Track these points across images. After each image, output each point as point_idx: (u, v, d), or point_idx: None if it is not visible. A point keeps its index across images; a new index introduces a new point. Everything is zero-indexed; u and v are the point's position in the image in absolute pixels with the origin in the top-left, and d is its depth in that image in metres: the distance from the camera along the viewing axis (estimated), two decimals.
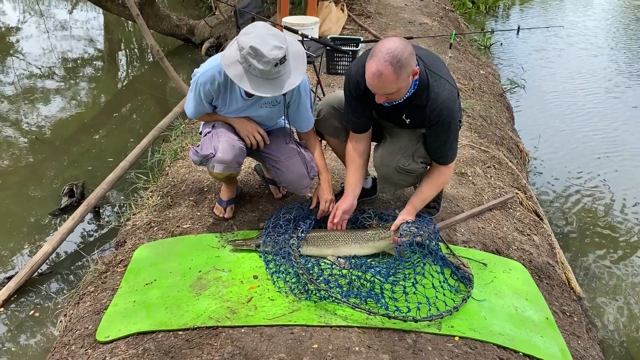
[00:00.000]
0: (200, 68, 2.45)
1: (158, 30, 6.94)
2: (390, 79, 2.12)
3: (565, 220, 4.02)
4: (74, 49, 7.48)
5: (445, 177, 2.56)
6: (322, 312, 2.18)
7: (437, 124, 2.35)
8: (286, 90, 2.26)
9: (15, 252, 3.39)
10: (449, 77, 2.39)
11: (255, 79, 2.20)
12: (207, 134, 2.53)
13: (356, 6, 6.95)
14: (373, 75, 2.13)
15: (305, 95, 2.55)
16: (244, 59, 2.18)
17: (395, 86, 2.16)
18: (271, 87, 2.23)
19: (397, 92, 2.22)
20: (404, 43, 2.13)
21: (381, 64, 2.09)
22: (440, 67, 2.39)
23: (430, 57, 2.39)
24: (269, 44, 2.14)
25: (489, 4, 9.60)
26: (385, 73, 2.10)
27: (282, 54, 2.16)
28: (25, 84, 6.11)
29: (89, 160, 4.46)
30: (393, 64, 2.08)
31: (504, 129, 4.65)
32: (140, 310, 2.24)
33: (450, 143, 2.43)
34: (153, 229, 2.82)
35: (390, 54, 2.08)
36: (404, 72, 2.12)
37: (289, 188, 2.71)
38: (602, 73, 6.95)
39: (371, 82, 2.17)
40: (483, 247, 2.79)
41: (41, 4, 10.13)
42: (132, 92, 6.28)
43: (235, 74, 2.22)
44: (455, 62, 5.59)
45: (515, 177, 3.71)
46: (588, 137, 5.27)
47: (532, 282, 2.64)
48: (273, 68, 2.17)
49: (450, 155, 2.48)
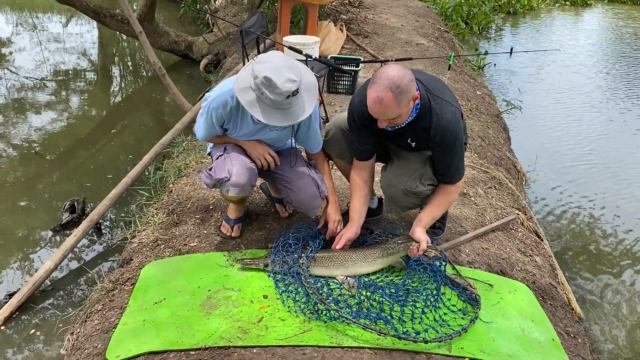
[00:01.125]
0: (212, 92, 2.47)
1: (157, 46, 6.96)
2: (391, 105, 2.20)
3: (563, 241, 4.07)
4: (67, 62, 7.47)
5: (453, 195, 2.60)
6: (334, 333, 2.19)
7: (441, 145, 2.40)
8: (296, 121, 2.31)
9: (16, 269, 3.36)
10: (452, 99, 2.44)
11: (267, 108, 2.25)
12: (220, 157, 2.54)
13: (354, 26, 7.04)
14: (374, 101, 2.21)
15: (315, 118, 2.59)
16: (257, 87, 2.22)
17: (396, 111, 2.24)
18: (282, 117, 2.27)
19: (399, 117, 2.30)
20: (404, 70, 2.23)
21: (382, 91, 2.18)
22: (442, 89, 2.45)
23: (431, 81, 2.46)
24: (283, 76, 2.18)
25: (481, 25, 9.77)
26: (386, 99, 2.18)
27: (295, 87, 2.20)
28: (17, 97, 6.09)
29: (86, 175, 4.45)
30: (393, 90, 2.17)
31: (502, 150, 4.71)
32: (150, 329, 2.23)
33: (455, 163, 2.48)
34: (160, 247, 2.81)
35: (390, 80, 2.17)
36: (405, 97, 2.20)
37: (300, 208, 2.72)
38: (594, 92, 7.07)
39: (373, 108, 2.25)
40: (488, 268, 2.82)
41: (35, 17, 10.13)
42: (128, 107, 6.28)
43: (247, 100, 2.25)
44: (453, 83, 5.67)
45: (516, 197, 3.75)
46: (583, 157, 5.35)
47: (536, 303, 2.67)
48: (285, 99, 2.21)
49: (457, 175, 2.52)
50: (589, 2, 12.34)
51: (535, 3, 11.75)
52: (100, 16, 6.89)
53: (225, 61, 6.61)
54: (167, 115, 5.76)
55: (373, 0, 8.91)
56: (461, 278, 2.57)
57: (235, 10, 8.31)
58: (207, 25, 8.42)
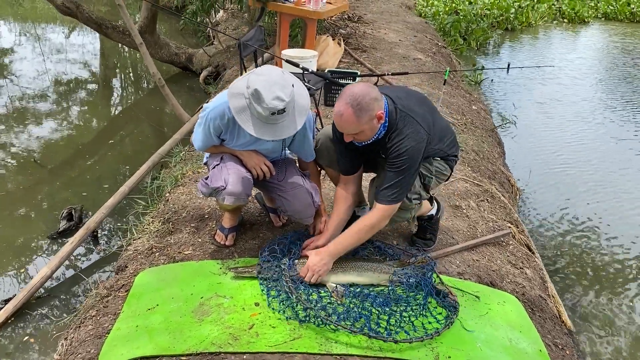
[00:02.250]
0: (210, 103, 2.53)
1: (157, 58, 7.05)
2: (350, 120, 2.30)
3: (555, 254, 4.10)
4: (69, 72, 7.56)
5: (371, 221, 2.48)
6: (323, 340, 2.23)
7: (393, 159, 2.42)
8: (280, 137, 2.35)
9: (13, 276, 3.40)
10: (423, 117, 2.47)
11: (255, 119, 2.31)
12: (216, 167, 2.59)
13: (352, 40, 7.13)
14: (336, 115, 2.33)
15: (310, 129, 2.65)
16: (248, 97, 2.27)
17: (356, 127, 2.33)
18: (267, 131, 2.32)
19: (362, 134, 2.38)
20: (369, 88, 2.32)
21: (343, 106, 2.29)
22: (414, 107, 2.49)
23: (404, 98, 2.51)
24: (272, 92, 2.23)
25: (479, 41, 9.88)
26: (345, 114, 2.29)
27: (282, 106, 2.25)
28: (19, 106, 6.16)
29: (83, 185, 4.50)
30: (353, 106, 2.27)
31: (496, 164, 4.77)
32: (143, 334, 2.27)
33: (396, 182, 2.41)
34: (154, 255, 2.85)
35: (352, 96, 2.28)
36: (364, 114, 2.29)
37: (294, 216, 2.77)
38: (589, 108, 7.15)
39: (336, 121, 2.37)
40: (478, 279, 2.86)
41: (38, 27, 10.24)
42: (127, 118, 6.35)
43: (237, 106, 2.31)
44: (449, 98, 5.74)
45: (508, 211, 3.80)
46: (577, 173, 5.40)
47: (525, 315, 2.71)
48: (270, 115, 2.26)
49: (388, 195, 2.43)
50: (586, 20, 12.48)
51: (533, 20, 11.88)
52: (102, 27, 6.99)
53: (224, 73, 6.69)
54: (166, 126, 5.83)
55: (372, 16, 9.03)
56: (442, 285, 2.62)
57: (236, 23, 8.42)
58: (208, 37, 8.52)
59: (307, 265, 2.48)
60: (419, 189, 2.63)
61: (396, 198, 2.44)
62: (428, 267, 2.60)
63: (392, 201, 2.44)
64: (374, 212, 2.48)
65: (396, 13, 9.66)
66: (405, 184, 2.45)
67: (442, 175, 2.75)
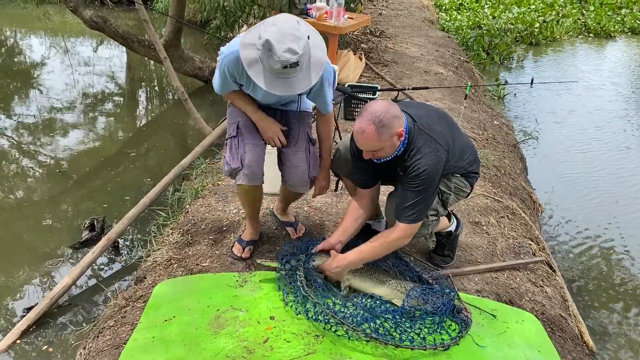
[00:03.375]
0: (225, 48, 2.41)
1: (181, 72, 7.17)
2: (372, 137, 2.31)
3: (577, 273, 4.03)
4: (96, 85, 7.73)
5: (391, 238, 2.50)
6: (338, 356, 2.22)
7: (411, 178, 2.42)
8: (292, 92, 2.27)
9: (36, 284, 3.47)
10: (442, 136, 2.47)
11: (266, 72, 2.21)
12: (233, 140, 2.60)
13: (374, 55, 7.16)
14: (357, 132, 2.34)
15: (328, 85, 2.55)
16: (260, 47, 2.15)
17: (377, 144, 2.34)
18: (279, 85, 2.22)
19: (381, 151, 2.38)
20: (390, 106, 2.34)
21: (364, 123, 2.30)
22: (434, 125, 2.49)
23: (424, 116, 2.51)
24: (284, 44, 2.10)
25: (503, 56, 9.82)
26: (367, 131, 2.30)
27: (295, 59, 2.13)
28: (47, 118, 6.31)
29: (105, 195, 4.58)
30: (375, 123, 2.28)
31: (517, 180, 4.72)
32: (159, 346, 2.29)
33: (414, 202, 2.42)
34: (173, 266, 2.89)
35: (374, 114, 2.28)
36: (386, 132, 2.30)
37: (289, 182, 2.77)
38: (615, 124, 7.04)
39: (357, 138, 2.37)
40: (496, 297, 2.83)
41: (67, 41, 10.51)
42: (151, 130, 6.45)
43: (249, 58, 2.21)
44: (470, 112, 5.71)
45: (529, 227, 3.75)
46: (602, 189, 5.31)
47: (544, 334, 2.66)
48: (282, 69, 2.15)
49: (408, 214, 2.44)
50: (612, 34, 12.32)
51: (558, 34, 11.77)
52: (128, 41, 7.14)
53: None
54: (189, 139, 5.91)
55: (394, 30, 9.05)
56: (459, 301, 2.59)
57: None
58: None
59: (322, 267, 2.58)
60: (437, 205, 2.61)
61: (416, 217, 2.46)
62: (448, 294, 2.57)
63: (413, 221, 2.46)
64: (395, 230, 2.49)
65: (418, 27, 9.67)
66: (424, 204, 2.46)
67: (461, 192, 2.73)
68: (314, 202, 3.52)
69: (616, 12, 13.53)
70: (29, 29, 11.12)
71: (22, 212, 4.28)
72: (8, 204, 4.40)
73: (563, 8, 13.32)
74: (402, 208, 2.45)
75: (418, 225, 2.50)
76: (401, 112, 2.38)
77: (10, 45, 10.21)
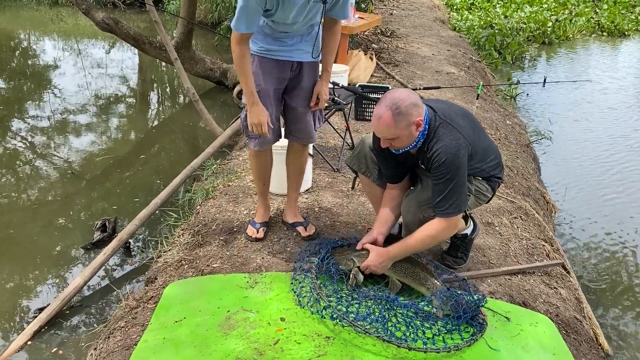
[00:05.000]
0: None
1: (192, 73, 7.18)
2: (388, 123, 2.28)
3: (592, 274, 3.97)
4: (108, 87, 7.77)
5: (433, 231, 2.44)
6: (349, 359, 2.20)
7: (435, 168, 2.38)
8: None
9: (49, 285, 3.48)
10: (464, 128, 2.43)
11: None
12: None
13: (385, 55, 7.13)
14: (374, 117, 2.33)
15: None
16: None
17: (393, 132, 2.31)
18: None
19: (398, 140, 2.35)
20: (410, 94, 2.31)
21: (382, 109, 2.28)
22: (456, 117, 2.46)
23: (446, 109, 2.49)
24: None
25: (515, 55, 9.74)
26: (384, 117, 2.28)
27: None
28: (60, 119, 6.35)
29: (116, 196, 4.59)
30: (392, 109, 2.26)
31: (530, 180, 4.66)
32: (169, 347, 2.29)
33: (445, 193, 2.36)
34: (183, 267, 2.88)
35: (392, 100, 2.27)
36: (403, 119, 2.27)
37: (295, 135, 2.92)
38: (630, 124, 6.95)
39: (374, 124, 2.36)
40: (510, 299, 2.79)
41: (80, 43, 10.59)
42: (162, 131, 6.47)
43: None
44: (482, 112, 5.66)
45: (542, 228, 3.70)
46: (617, 189, 5.24)
47: (559, 337, 2.62)
48: None
49: (444, 208, 2.38)
50: (626, 33, 12.18)
51: (571, 33, 11.66)
52: (140, 43, 7.17)
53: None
54: (200, 140, 5.92)
55: (406, 30, 9.02)
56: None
57: None
58: None
59: (366, 263, 2.56)
60: None
61: (454, 209, 2.39)
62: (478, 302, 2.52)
63: (450, 214, 2.40)
64: (438, 223, 2.43)
65: (430, 27, 9.63)
66: (458, 193, 2.37)
67: (482, 196, 2.68)
68: (325, 202, 3.50)
69: (630, 11, 13.40)
70: (42, 32, 11.24)
71: (34, 212, 4.31)
72: (21, 205, 4.43)
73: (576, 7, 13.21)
74: (436, 203, 2.40)
75: (459, 216, 2.44)
76: (422, 102, 2.35)
77: (24, 47, 10.31)
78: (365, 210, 3.40)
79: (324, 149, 4.32)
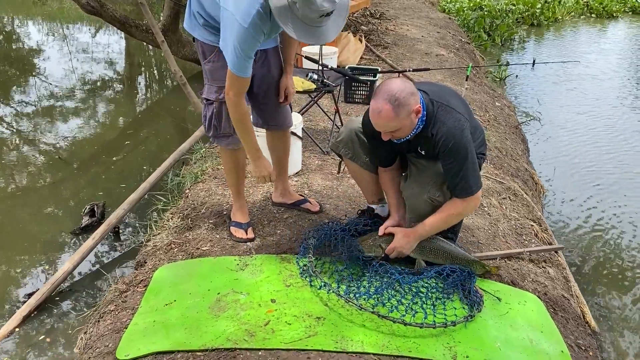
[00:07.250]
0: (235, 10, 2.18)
1: (180, 56, 7.11)
2: (389, 117, 2.25)
3: (580, 254, 4.01)
4: (95, 71, 7.67)
5: (457, 209, 2.50)
6: (339, 338, 2.21)
7: (446, 153, 2.39)
8: (325, 42, 2.25)
9: (38, 271, 3.46)
10: (459, 106, 2.45)
11: (297, 22, 2.13)
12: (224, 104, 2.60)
13: (374, 37, 7.09)
14: (373, 112, 2.29)
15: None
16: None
17: (395, 124, 2.28)
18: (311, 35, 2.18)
19: (400, 130, 2.33)
20: (405, 83, 2.29)
21: (380, 103, 2.24)
22: (449, 97, 2.46)
23: (437, 90, 2.48)
24: None
25: (504, 37, 9.73)
26: (384, 111, 2.24)
27: (332, 8, 2.11)
28: (46, 105, 6.27)
29: (105, 181, 4.56)
30: (392, 102, 2.23)
31: (519, 161, 4.68)
32: (160, 330, 2.29)
33: (462, 174, 2.39)
34: (173, 250, 2.87)
35: (389, 93, 2.23)
36: (403, 110, 2.25)
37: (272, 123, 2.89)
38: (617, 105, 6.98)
39: (373, 120, 2.31)
40: (498, 278, 2.81)
41: (65, 27, 10.43)
42: (150, 116, 6.41)
43: (279, 5, 2.10)
44: (471, 94, 5.66)
45: (531, 209, 3.73)
46: (605, 171, 5.28)
47: (547, 315, 2.65)
48: (317, 18, 2.11)
49: (464, 187, 2.42)
50: (614, 14, 12.19)
51: (560, 15, 11.66)
52: (126, 26, 7.07)
53: None
54: (189, 124, 5.87)
55: (395, 12, 8.97)
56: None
57: None
58: None
59: (393, 245, 2.57)
60: (442, 186, 2.58)
61: (475, 184, 2.43)
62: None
63: (471, 193, 2.44)
64: (461, 201, 2.47)
65: (419, 9, 9.59)
66: (473, 168, 2.41)
67: None
68: (315, 185, 3.49)
69: None
70: (26, 15, 11.05)
71: (22, 198, 4.27)
72: (8, 191, 4.39)
73: None
74: (456, 184, 2.42)
75: (479, 193, 2.47)
76: (416, 89, 2.34)
77: (8, 31, 10.14)
78: (355, 193, 3.40)
79: (314, 132, 4.30)
